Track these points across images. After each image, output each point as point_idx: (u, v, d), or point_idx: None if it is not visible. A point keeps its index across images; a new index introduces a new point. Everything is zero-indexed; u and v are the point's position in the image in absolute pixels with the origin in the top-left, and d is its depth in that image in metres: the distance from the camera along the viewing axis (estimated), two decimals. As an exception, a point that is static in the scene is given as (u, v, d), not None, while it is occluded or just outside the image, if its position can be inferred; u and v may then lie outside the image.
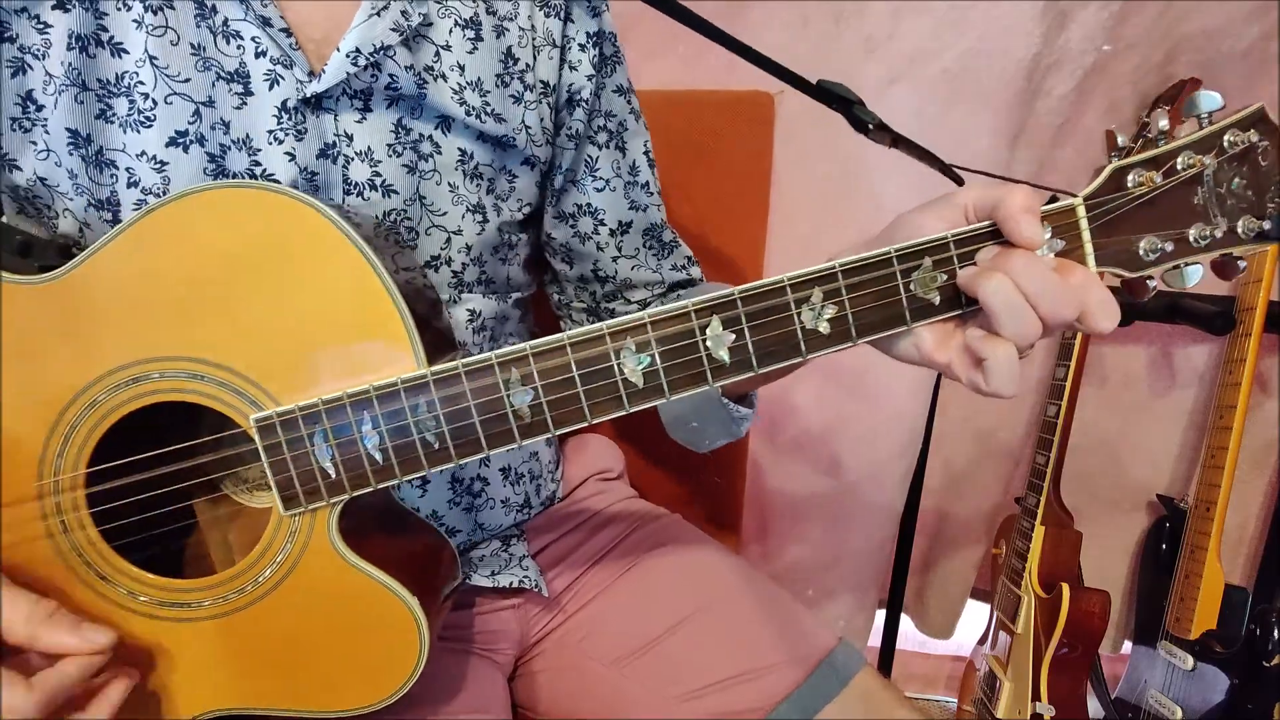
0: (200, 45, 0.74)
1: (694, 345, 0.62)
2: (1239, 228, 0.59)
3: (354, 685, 0.71)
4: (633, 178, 0.99)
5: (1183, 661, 1.57)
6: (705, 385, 0.62)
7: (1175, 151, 0.59)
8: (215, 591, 0.70)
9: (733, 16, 1.44)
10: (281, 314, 0.66)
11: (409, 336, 0.65)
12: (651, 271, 1.02)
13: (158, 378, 0.67)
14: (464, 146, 0.85)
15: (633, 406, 0.63)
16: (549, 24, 0.89)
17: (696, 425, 0.93)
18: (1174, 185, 0.59)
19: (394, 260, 0.67)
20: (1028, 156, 1.54)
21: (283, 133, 0.76)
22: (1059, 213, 0.60)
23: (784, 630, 0.95)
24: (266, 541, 0.69)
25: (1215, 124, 0.59)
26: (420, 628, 0.69)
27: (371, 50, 0.77)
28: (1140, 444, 1.77)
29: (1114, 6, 1.40)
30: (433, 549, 0.79)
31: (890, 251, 0.60)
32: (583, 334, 0.62)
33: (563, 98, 0.92)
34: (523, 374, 0.63)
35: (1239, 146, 0.59)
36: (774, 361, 0.62)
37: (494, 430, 0.64)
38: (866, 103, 0.80)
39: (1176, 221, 0.60)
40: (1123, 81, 1.49)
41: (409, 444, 0.65)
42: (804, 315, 0.61)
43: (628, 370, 0.62)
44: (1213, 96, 0.59)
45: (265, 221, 0.65)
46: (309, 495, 0.67)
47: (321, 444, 0.65)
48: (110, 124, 0.73)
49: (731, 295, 0.61)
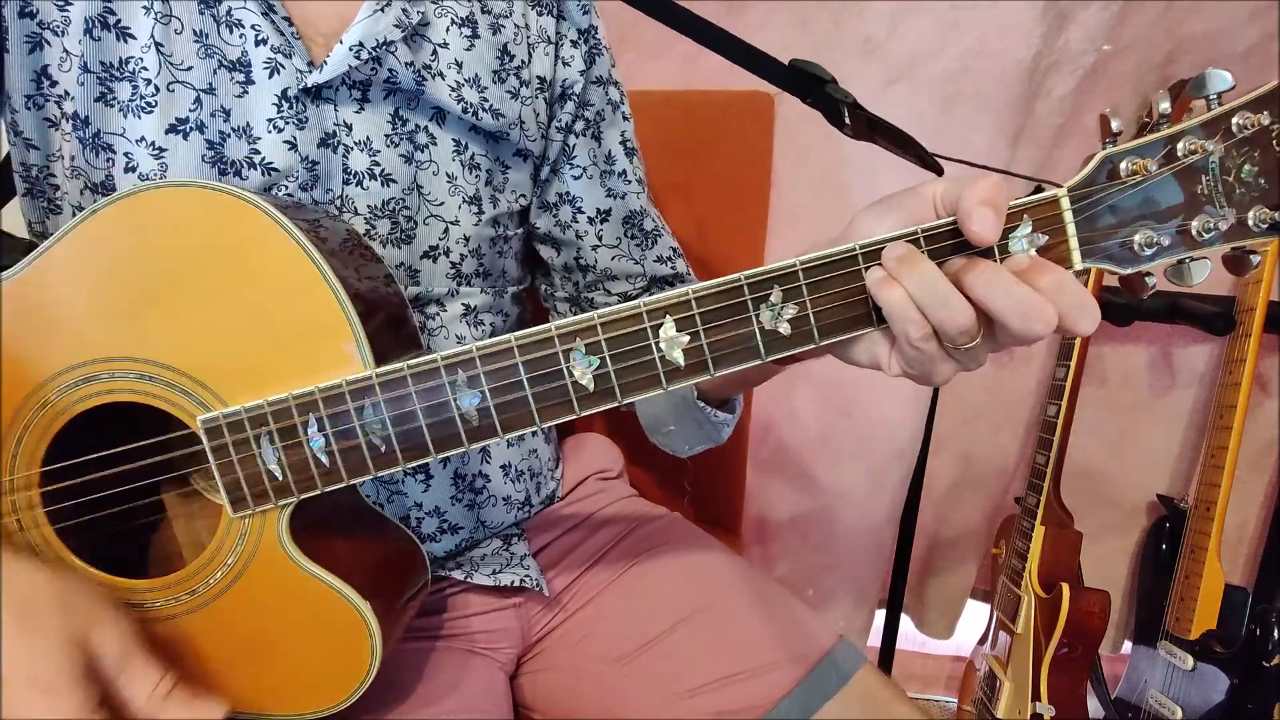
0: (203, 33, 0.73)
1: (646, 347, 0.58)
2: (1250, 219, 0.53)
3: (305, 690, 0.70)
4: (609, 166, 0.98)
5: (1183, 661, 1.54)
6: (659, 389, 0.58)
7: (1175, 136, 0.52)
8: (168, 592, 0.68)
9: (731, 17, 1.43)
10: (229, 315, 0.64)
11: (356, 338, 0.62)
12: (633, 263, 1.00)
13: (108, 378, 0.65)
14: (459, 138, 0.85)
15: (583, 410, 0.59)
16: (542, 21, 0.89)
17: (674, 429, 0.91)
18: (1174, 172, 0.53)
19: (356, 270, 0.65)
20: (1028, 157, 1.51)
21: (283, 121, 0.76)
22: (1040, 205, 0.54)
23: (784, 628, 0.92)
24: (217, 543, 0.67)
25: (1224, 105, 0.52)
26: (372, 633, 0.67)
27: (375, 45, 0.76)
28: (1140, 444, 1.75)
29: (1114, 7, 1.37)
30: (398, 551, 0.76)
31: (855, 248, 0.55)
32: (530, 335, 0.59)
33: (556, 92, 0.92)
34: (469, 376, 0.59)
35: (1250, 130, 0.52)
36: (732, 364, 0.58)
37: (441, 434, 0.61)
38: (866, 103, 0.75)
39: (1176, 212, 0.53)
40: (1123, 82, 1.45)
41: (355, 447, 0.62)
42: (763, 316, 0.56)
43: (577, 373, 0.58)
44: (1223, 76, 0.52)
45: (213, 222, 0.63)
46: (257, 498, 0.64)
47: (268, 446, 0.63)
48: (110, 108, 0.72)
49: (685, 294, 0.57)
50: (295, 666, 0.69)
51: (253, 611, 0.67)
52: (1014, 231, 0.54)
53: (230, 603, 0.67)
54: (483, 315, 0.91)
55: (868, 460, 1.70)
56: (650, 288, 1.02)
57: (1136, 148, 0.53)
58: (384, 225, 0.81)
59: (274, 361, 0.63)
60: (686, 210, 1.30)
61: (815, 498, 1.76)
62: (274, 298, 0.63)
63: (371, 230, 0.80)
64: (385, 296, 0.69)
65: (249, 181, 0.75)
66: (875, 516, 1.75)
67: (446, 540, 0.90)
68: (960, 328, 0.52)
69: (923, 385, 0.57)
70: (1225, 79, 0.52)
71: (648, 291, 1.02)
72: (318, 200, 0.78)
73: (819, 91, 0.76)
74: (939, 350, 0.55)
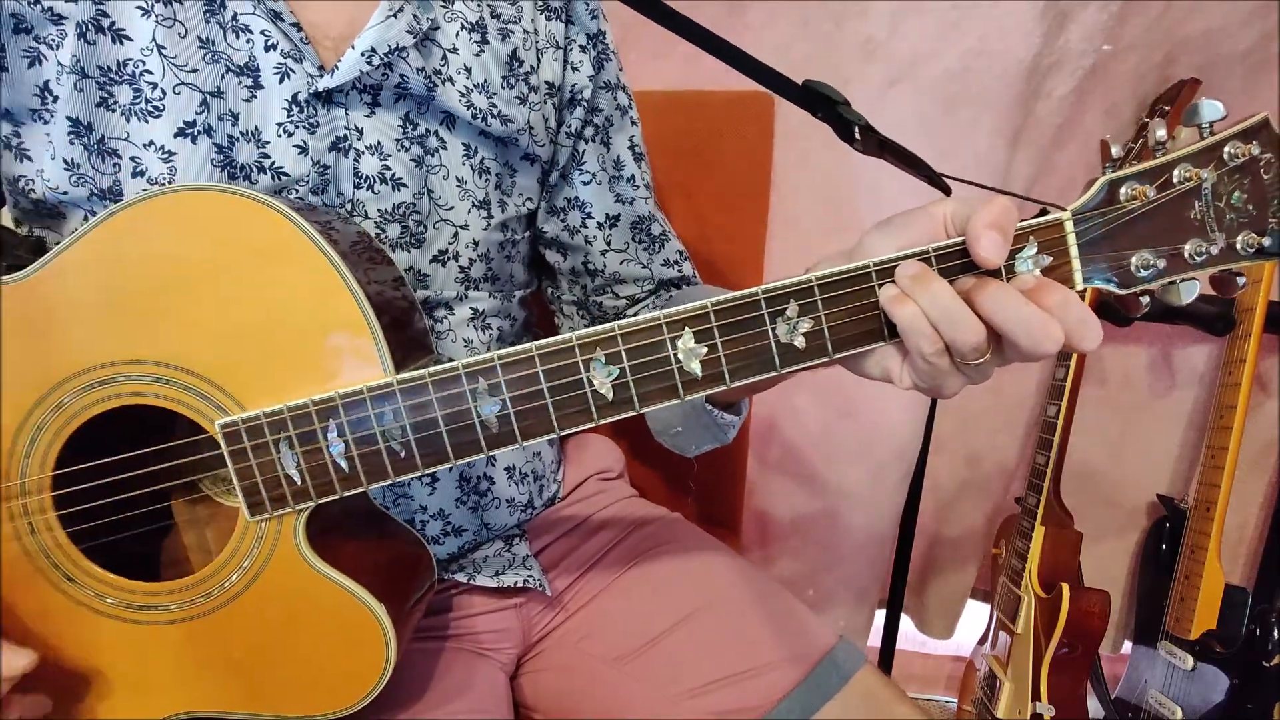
0: (209, 39, 0.73)
1: (665, 358, 0.59)
2: (1238, 243, 0.55)
3: (320, 692, 0.70)
4: (617, 171, 0.98)
5: (1183, 661, 1.54)
6: (676, 399, 0.60)
7: (1172, 164, 0.55)
8: (182, 595, 0.69)
9: (732, 17, 1.43)
10: (247, 318, 0.64)
11: (375, 342, 0.63)
12: (641, 267, 1.01)
13: (124, 381, 0.65)
14: (469, 142, 0.85)
15: (602, 419, 0.61)
16: (551, 27, 0.89)
17: (682, 430, 0.92)
18: (1170, 199, 0.55)
19: (367, 273, 0.66)
20: (1027, 157, 1.51)
21: (293, 125, 0.76)
22: (1046, 227, 0.56)
23: (784, 628, 0.93)
24: (233, 547, 0.68)
25: (1216, 135, 0.55)
26: (387, 636, 0.68)
27: (387, 51, 0.77)
28: (1140, 444, 1.75)
29: (1114, 7, 1.37)
30: (408, 554, 0.77)
31: (869, 264, 0.57)
32: (551, 344, 0.60)
33: (565, 97, 0.92)
34: (490, 384, 0.61)
35: (1240, 159, 0.54)
36: (747, 375, 0.59)
37: (461, 440, 0.62)
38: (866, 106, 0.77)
39: (1171, 236, 0.56)
40: (1122, 82, 1.46)
41: (375, 453, 0.63)
42: (779, 329, 0.58)
43: (597, 382, 0.60)
44: (1215, 106, 0.54)
45: (231, 225, 0.63)
46: (275, 502, 0.65)
47: (287, 451, 0.64)
48: (112, 112, 0.72)
49: (704, 307, 0.58)
50: (310, 669, 0.69)
51: (269, 614, 0.68)
52: (1020, 252, 0.56)
53: (245, 606, 0.68)
54: (490, 319, 0.91)
55: (868, 460, 1.70)
56: (657, 290, 1.03)
57: (1136, 173, 0.55)
58: (393, 229, 0.81)
59: (292, 365, 0.64)
60: (687, 210, 1.30)
61: (816, 498, 1.76)
62: (293, 301, 0.63)
63: (381, 234, 0.80)
64: (397, 299, 0.69)
65: (259, 186, 0.75)
66: (875, 516, 1.75)
67: (450, 542, 0.90)
68: (971, 345, 0.54)
69: (931, 397, 0.58)
70: (1217, 109, 0.54)
71: (654, 295, 1.03)
72: (328, 204, 0.78)
73: (830, 110, 0.78)
74: (949, 365, 0.57)
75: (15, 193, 0.76)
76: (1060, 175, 1.54)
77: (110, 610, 0.69)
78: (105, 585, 0.69)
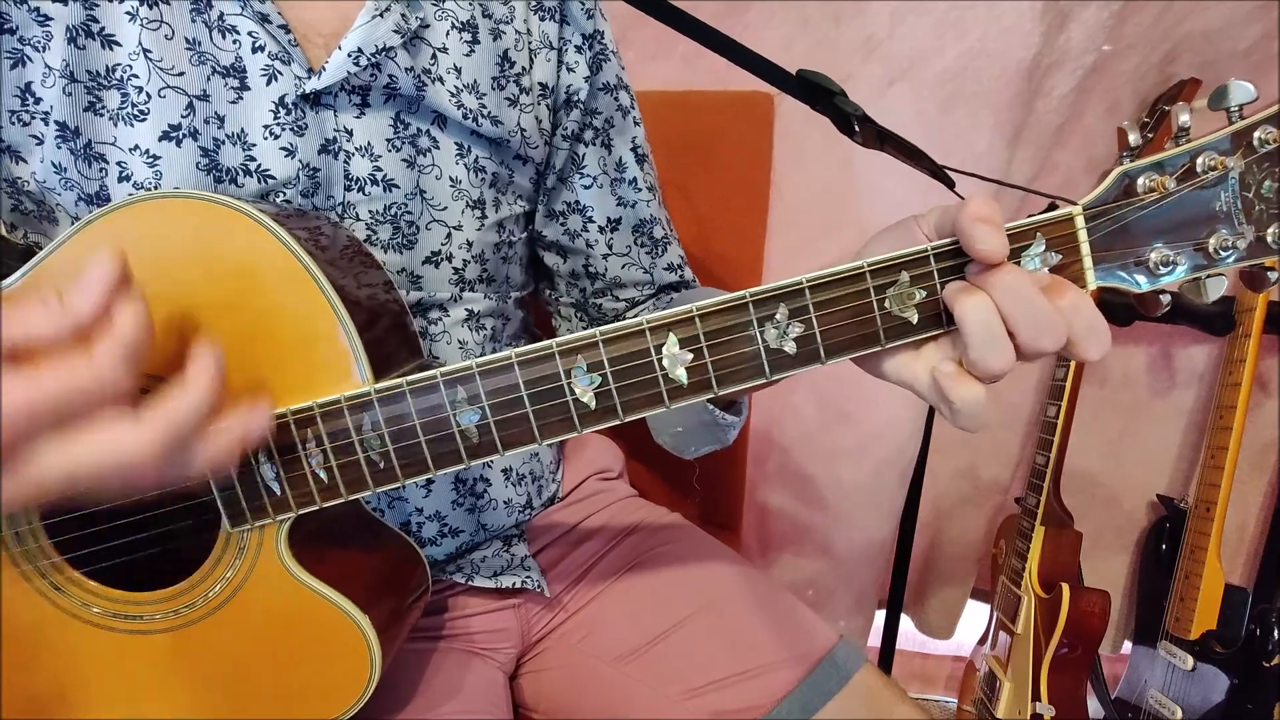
0: (195, 40, 0.71)
1: (649, 365, 0.56)
2: (1269, 236, 0.51)
3: (304, 704, 0.68)
4: (619, 174, 0.96)
5: (1183, 661, 1.54)
6: (662, 407, 0.56)
7: (1195, 151, 0.51)
8: (165, 606, 0.67)
9: (732, 17, 1.43)
10: (225, 328, 0.62)
11: (353, 351, 0.61)
12: (642, 271, 0.99)
13: None
14: (461, 141, 0.83)
15: (585, 428, 0.57)
16: (545, 27, 0.87)
17: (681, 431, 0.90)
18: (1191, 189, 0.51)
19: (354, 279, 0.64)
20: (1028, 156, 1.50)
21: (280, 128, 0.74)
22: (1055, 223, 0.52)
23: (784, 628, 0.92)
24: (215, 557, 0.66)
25: (1245, 119, 0.50)
26: (371, 647, 0.65)
27: (374, 51, 0.75)
28: (1140, 444, 1.74)
29: (1114, 6, 1.36)
30: (398, 560, 0.75)
31: (863, 265, 0.53)
32: (531, 351, 0.57)
33: (560, 99, 0.90)
34: (469, 393, 0.58)
35: (1271, 145, 0.50)
36: (736, 383, 0.56)
37: (440, 450, 0.59)
38: (866, 104, 0.74)
39: (1194, 230, 0.52)
40: (1123, 81, 1.45)
41: (354, 463, 0.60)
42: (768, 334, 0.54)
43: (579, 390, 0.57)
44: (1245, 87, 0.49)
45: (208, 233, 0.62)
46: (255, 512, 0.63)
47: (265, 463, 0.61)
48: (100, 117, 0.70)
49: (689, 311, 0.55)
50: (294, 680, 0.68)
51: (252, 625, 0.66)
52: (1027, 250, 0.52)
53: (228, 616, 0.66)
54: (485, 320, 0.90)
55: (868, 460, 1.69)
56: (658, 294, 1.01)
57: (1154, 163, 0.51)
58: (385, 231, 0.79)
59: (271, 375, 0.61)
60: (687, 210, 1.29)
61: (815, 498, 1.76)
62: (270, 310, 0.61)
63: (373, 236, 0.79)
64: (384, 304, 0.68)
65: (245, 189, 0.73)
66: (875, 516, 1.75)
67: (447, 544, 0.89)
68: (1050, 350, 0.51)
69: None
70: (1248, 90, 0.50)
71: (655, 299, 1.01)
72: (318, 207, 0.76)
73: (827, 102, 0.75)
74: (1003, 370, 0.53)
75: (15, 193, 0.74)
76: (1060, 174, 1.53)
77: (95, 619, 0.67)
78: (90, 594, 0.67)
